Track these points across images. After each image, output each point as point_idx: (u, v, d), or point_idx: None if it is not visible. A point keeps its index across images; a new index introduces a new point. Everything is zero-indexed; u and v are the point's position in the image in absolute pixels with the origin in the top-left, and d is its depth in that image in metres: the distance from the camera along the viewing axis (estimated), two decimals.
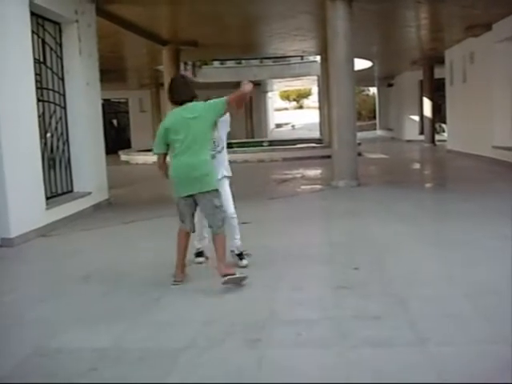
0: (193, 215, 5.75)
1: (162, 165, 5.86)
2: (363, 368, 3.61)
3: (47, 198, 9.15)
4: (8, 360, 4.03)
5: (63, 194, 10.19)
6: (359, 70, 20.81)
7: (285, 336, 4.19)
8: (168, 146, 5.63)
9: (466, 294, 4.90)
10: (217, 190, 5.56)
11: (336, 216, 9.19)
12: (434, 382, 3.32)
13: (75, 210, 9.91)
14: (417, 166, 19.90)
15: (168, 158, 5.76)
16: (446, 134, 24.33)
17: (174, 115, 5.61)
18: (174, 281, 5.61)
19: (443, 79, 22.91)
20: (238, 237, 6.15)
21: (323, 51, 21.44)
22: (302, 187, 13.18)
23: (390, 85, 36.95)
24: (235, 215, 6.04)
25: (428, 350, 3.82)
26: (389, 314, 4.53)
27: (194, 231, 5.83)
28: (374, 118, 48.03)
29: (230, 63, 32.65)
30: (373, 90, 52.98)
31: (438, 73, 24.50)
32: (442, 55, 22.31)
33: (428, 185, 14.43)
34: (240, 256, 6.19)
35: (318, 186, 13.12)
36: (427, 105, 26.07)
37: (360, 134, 18.29)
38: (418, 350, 3.83)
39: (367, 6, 13.42)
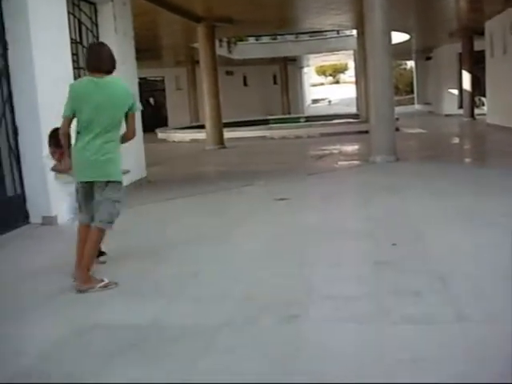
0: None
1: None
2: (401, 345, 3.59)
3: None
4: (48, 335, 4.11)
5: None
6: (396, 44, 20.52)
7: (323, 312, 4.18)
8: None
9: (507, 272, 4.82)
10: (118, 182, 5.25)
11: (374, 192, 9.11)
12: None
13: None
14: (456, 140, 19.59)
15: None
16: (485, 108, 23.87)
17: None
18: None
19: (483, 51, 22.40)
20: None
21: (359, 25, 21.11)
22: (340, 163, 13.11)
23: (428, 58, 36.30)
24: None
25: (468, 327, 3.78)
26: (429, 290, 4.48)
27: None
28: (412, 92, 47.40)
29: (265, 39, 32.48)
30: (410, 64, 52.19)
31: (478, 45, 23.94)
32: (482, 26, 21.79)
33: (467, 160, 14.22)
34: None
35: (356, 162, 13.03)
36: (466, 78, 25.57)
37: (397, 109, 18.08)
38: (457, 328, 3.79)
39: None
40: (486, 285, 4.55)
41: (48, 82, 8.01)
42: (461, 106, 27.57)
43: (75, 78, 9.07)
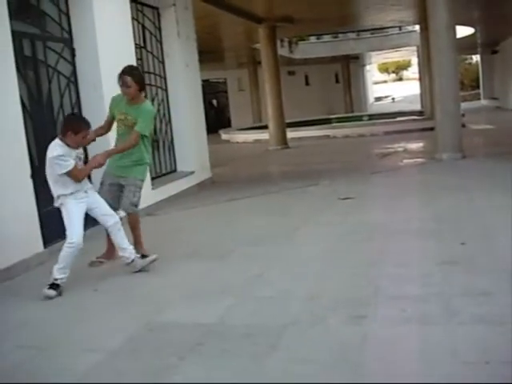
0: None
1: None
2: (471, 346, 3.51)
3: (152, 179, 9.44)
4: (119, 334, 4.21)
5: (167, 173, 10.49)
6: (460, 38, 20.04)
7: (390, 312, 4.14)
8: None
9: None
10: None
11: (440, 190, 8.94)
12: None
13: (180, 189, 10.17)
14: None
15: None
16: None
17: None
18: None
19: None
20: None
21: (422, 20, 20.74)
22: (405, 161, 12.92)
23: (495, 52, 35.34)
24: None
25: None
26: (499, 290, 4.36)
27: None
28: (478, 87, 46.25)
29: (326, 38, 32.28)
30: (475, 58, 50.94)
31: None
32: None
33: None
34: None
35: (421, 160, 12.81)
36: None
37: (463, 105, 17.64)
38: None
39: None
40: None
41: (114, 86, 8.17)
42: None
43: None
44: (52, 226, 6.89)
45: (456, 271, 4.92)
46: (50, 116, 7.44)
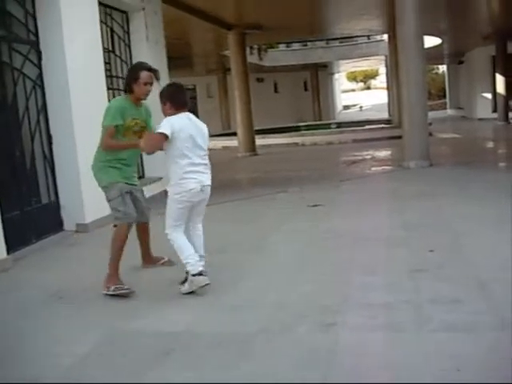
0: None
1: None
2: (442, 353, 3.49)
3: None
4: (86, 340, 4.12)
5: None
6: (428, 48, 20.27)
7: (360, 320, 4.11)
8: None
9: None
10: (104, 187, 5.44)
11: (408, 197, 8.98)
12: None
13: (147, 195, 9.99)
14: (490, 144, 19.28)
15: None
16: None
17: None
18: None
19: None
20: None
21: (391, 29, 20.99)
22: (373, 169, 12.98)
23: (461, 62, 35.89)
24: (167, 232, 5.13)
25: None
26: (468, 297, 4.37)
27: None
28: (444, 96, 46.92)
29: (295, 46, 32.45)
30: (442, 68, 51.69)
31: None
32: None
33: (503, 164, 13.95)
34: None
35: (389, 167, 12.89)
36: (500, 81, 25.21)
37: (430, 114, 17.83)
38: (500, 335, 3.68)
39: None
40: None
41: (81, 90, 8.09)
42: (495, 110, 27.19)
43: (108, 87, 9.16)
44: (15, 232, 6.77)
45: (425, 278, 4.92)
46: (14, 119, 7.30)
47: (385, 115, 34.52)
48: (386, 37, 26.98)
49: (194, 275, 4.89)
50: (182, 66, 25.80)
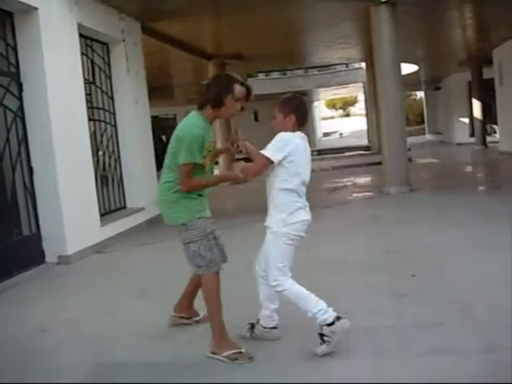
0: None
1: None
2: (427, 377, 3.52)
3: (101, 215, 9.31)
4: (70, 376, 4.08)
5: (117, 210, 10.36)
6: (405, 75, 20.53)
7: (343, 346, 4.11)
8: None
9: None
10: (182, 225, 4.28)
11: (390, 223, 9.05)
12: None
13: (129, 226, 10.04)
14: (469, 169, 19.49)
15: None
16: (497, 135, 23.81)
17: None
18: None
19: (492, 79, 22.45)
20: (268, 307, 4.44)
21: (368, 57, 21.29)
22: (354, 195, 13.06)
23: (438, 88, 36.40)
24: (275, 283, 4.21)
25: (495, 356, 3.71)
26: (451, 320, 4.41)
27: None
28: (422, 122, 47.45)
29: (275, 74, 32.72)
30: (420, 95, 52.36)
31: (487, 73, 24.04)
32: (490, 55, 21.86)
33: (482, 188, 14.12)
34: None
35: (370, 193, 12.98)
36: (477, 106, 25.59)
37: (409, 139, 18.01)
38: (484, 357, 3.72)
39: (411, 9, 13.26)
40: (507, 314, 4.46)
41: (62, 121, 8.10)
42: (472, 135, 27.54)
43: (89, 118, 9.19)
44: None
45: (408, 303, 4.95)
46: None
47: (364, 142, 34.79)
48: (363, 64, 27.36)
49: (331, 324, 3.95)
50: (163, 96, 25.90)
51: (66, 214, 7.98)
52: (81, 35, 9.11)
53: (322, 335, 3.96)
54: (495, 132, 25.96)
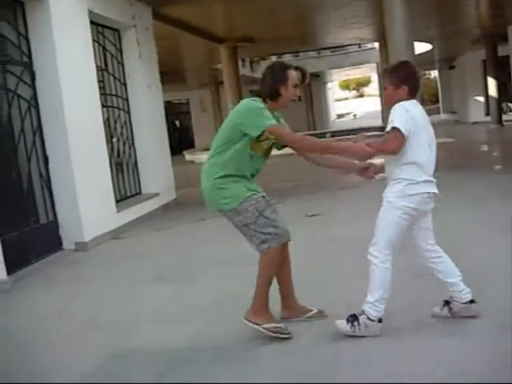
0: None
1: None
2: (447, 358, 3.52)
3: (117, 201, 9.35)
4: (87, 362, 4.11)
5: (132, 196, 10.40)
6: (419, 54, 20.38)
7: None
8: None
9: None
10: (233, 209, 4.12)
11: None
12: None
13: (145, 212, 10.08)
14: (485, 148, 19.34)
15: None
16: None
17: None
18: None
19: (507, 57, 22.17)
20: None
21: (381, 37, 21.10)
22: None
23: (452, 67, 36.08)
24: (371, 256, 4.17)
25: (507, 337, 3.69)
26: None
27: None
28: (437, 101, 47.12)
29: (287, 57, 32.51)
30: (434, 74, 51.93)
31: (502, 50, 23.77)
32: (505, 32, 21.59)
33: (498, 167, 14.00)
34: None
35: (384, 174, 12.89)
36: (492, 84, 25.34)
37: None
38: (496, 338, 3.71)
39: None
40: None
41: (75, 109, 8.12)
42: (488, 113, 27.30)
43: (102, 105, 9.20)
44: (15, 253, 6.78)
45: (425, 283, 4.93)
46: (10, 140, 7.32)
47: (378, 122, 34.58)
48: (376, 45, 27.14)
49: (370, 319, 3.92)
50: (175, 81, 25.88)
51: (81, 202, 8.02)
52: (92, 22, 9.10)
53: (354, 318, 3.93)
54: (511, 110, 25.71)
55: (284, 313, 4.46)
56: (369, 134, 25.86)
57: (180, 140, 33.05)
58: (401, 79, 3.99)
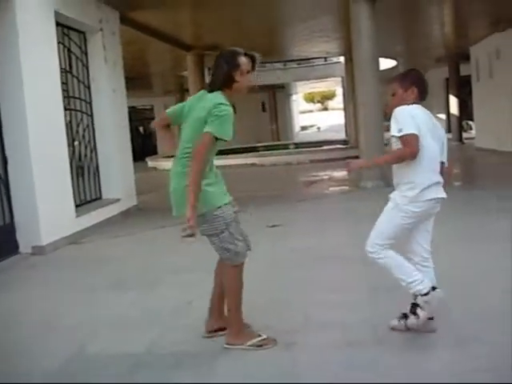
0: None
1: None
2: (405, 371, 3.54)
3: (77, 206, 9.22)
4: (45, 367, 4.04)
5: (92, 201, 10.27)
6: (383, 70, 20.66)
7: (320, 340, 4.12)
8: None
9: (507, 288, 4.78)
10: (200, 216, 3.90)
11: (366, 216, 9.01)
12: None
13: (105, 217, 9.96)
14: (446, 164, 19.57)
15: None
16: (473, 132, 24.04)
17: None
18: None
19: (469, 76, 22.66)
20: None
21: (347, 51, 21.34)
22: (331, 189, 13.10)
23: None
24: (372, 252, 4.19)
25: (474, 349, 3.73)
26: None
27: None
28: None
29: None
30: None
31: (464, 70, 24.25)
32: (468, 52, 22.07)
33: (457, 183, 14.21)
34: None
35: (346, 188, 13.03)
36: (453, 102, 25.81)
37: (386, 135, 18.16)
38: (459, 350, 3.74)
39: (390, 3, 13.31)
40: (495, 304, 4.51)
41: (37, 110, 8.00)
42: (449, 131, 27.72)
43: (65, 107, 9.09)
44: None
45: (385, 296, 4.96)
46: None
47: (342, 136, 34.91)
48: (342, 59, 27.40)
49: (425, 294, 3.86)
50: (140, 86, 25.71)
51: (40, 205, 7.89)
52: (57, 23, 8.98)
53: (414, 306, 3.91)
54: (471, 128, 26.21)
55: (210, 323, 4.33)
56: (332, 147, 26.14)
57: (143, 146, 32.79)
58: (410, 82, 4.14)
